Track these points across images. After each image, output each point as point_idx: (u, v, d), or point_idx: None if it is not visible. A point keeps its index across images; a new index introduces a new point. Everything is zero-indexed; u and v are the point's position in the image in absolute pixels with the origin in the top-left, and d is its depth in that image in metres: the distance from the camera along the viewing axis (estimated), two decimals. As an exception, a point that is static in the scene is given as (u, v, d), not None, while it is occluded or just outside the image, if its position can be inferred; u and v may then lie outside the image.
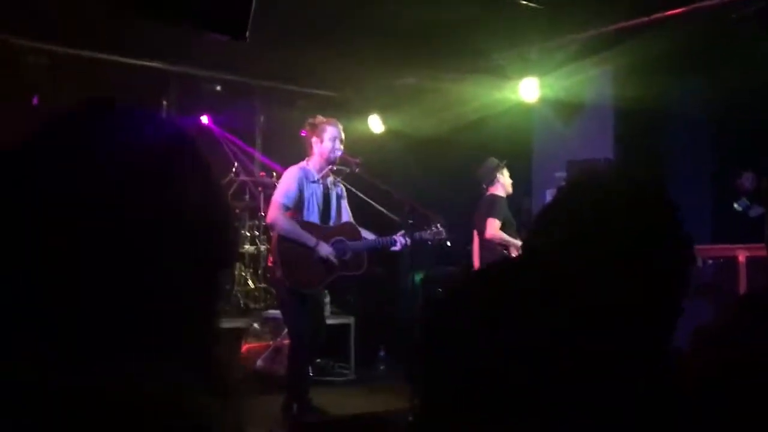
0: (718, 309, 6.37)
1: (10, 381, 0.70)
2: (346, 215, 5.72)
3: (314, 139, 5.51)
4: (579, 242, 1.09)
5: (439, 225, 5.81)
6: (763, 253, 6.25)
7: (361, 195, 6.04)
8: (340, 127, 5.54)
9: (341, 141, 5.52)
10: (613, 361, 1.00)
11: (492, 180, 7.15)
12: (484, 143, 8.38)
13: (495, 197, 7.07)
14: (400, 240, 5.63)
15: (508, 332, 0.96)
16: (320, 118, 5.58)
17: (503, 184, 7.15)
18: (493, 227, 7.10)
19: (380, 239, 5.69)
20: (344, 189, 5.79)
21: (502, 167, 7.18)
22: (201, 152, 0.89)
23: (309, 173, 5.48)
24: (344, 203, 5.76)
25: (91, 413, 0.71)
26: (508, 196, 7.45)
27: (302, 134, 5.67)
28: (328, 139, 5.47)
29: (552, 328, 0.96)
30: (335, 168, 5.69)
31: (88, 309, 0.75)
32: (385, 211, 5.98)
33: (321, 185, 5.55)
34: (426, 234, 5.78)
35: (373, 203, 6.03)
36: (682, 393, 1.06)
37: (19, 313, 0.74)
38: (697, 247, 6.96)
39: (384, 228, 5.90)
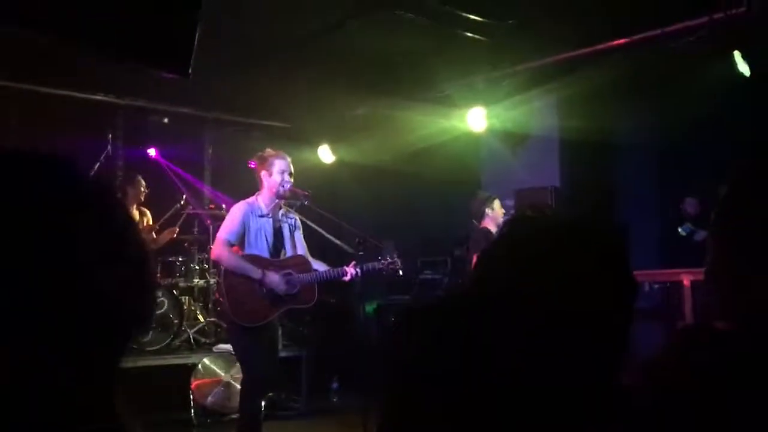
0: (665, 332, 6.48)
1: None
2: (301, 248, 5.68)
3: (263, 173, 5.48)
4: (522, 276, 1.10)
5: (394, 255, 5.82)
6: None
7: (314, 225, 6.03)
8: (289, 159, 5.52)
9: (290, 174, 5.50)
10: (558, 394, 1.01)
11: (482, 214, 7.14)
12: (434, 172, 8.45)
13: (486, 231, 7.04)
14: (350, 271, 5.61)
15: (464, 359, 0.98)
16: (269, 151, 5.56)
17: (493, 217, 7.11)
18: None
19: (330, 271, 5.65)
20: (298, 220, 5.75)
21: (491, 201, 7.17)
22: (111, 207, 0.84)
23: (256, 207, 5.44)
24: (298, 235, 5.71)
25: None
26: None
27: (251, 166, 5.64)
28: (276, 173, 5.44)
29: (500, 356, 0.98)
30: (285, 201, 5.66)
31: None
32: (337, 241, 5.97)
33: (270, 219, 5.51)
34: (379, 264, 5.78)
35: (324, 234, 6.02)
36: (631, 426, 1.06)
37: None
38: (644, 271, 7.11)
39: (338, 258, 5.89)
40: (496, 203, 7.10)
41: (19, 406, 0.74)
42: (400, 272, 5.88)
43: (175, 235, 8.19)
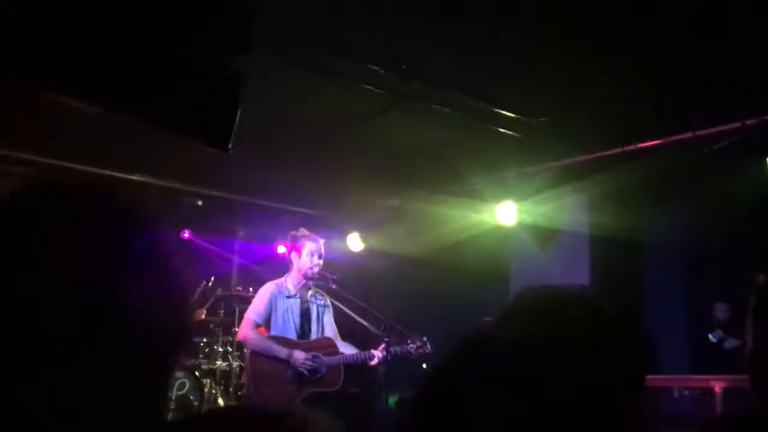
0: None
1: None
2: (330, 330, 5.63)
3: (293, 254, 5.51)
4: (530, 342, 1.08)
5: (423, 338, 5.75)
6: (739, 383, 6.21)
7: (343, 308, 6.00)
8: (322, 242, 5.55)
9: (320, 257, 5.52)
10: None
11: None
12: (462, 265, 8.43)
13: None
14: (378, 354, 5.55)
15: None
16: (303, 231, 5.60)
17: None
18: None
19: (357, 354, 5.60)
20: (329, 302, 5.72)
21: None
22: (154, 230, 0.86)
23: (284, 288, 5.45)
24: (328, 317, 5.68)
25: None
26: None
27: (281, 245, 5.66)
28: (306, 254, 5.48)
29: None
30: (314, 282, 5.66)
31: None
32: (366, 324, 5.92)
33: (298, 299, 5.51)
34: (408, 347, 5.69)
35: (354, 316, 5.99)
36: None
37: None
38: (673, 376, 6.95)
39: (366, 342, 5.83)
40: None
41: None
42: (428, 349, 5.78)
43: (203, 317, 8.17)
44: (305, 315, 5.52)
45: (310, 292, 5.58)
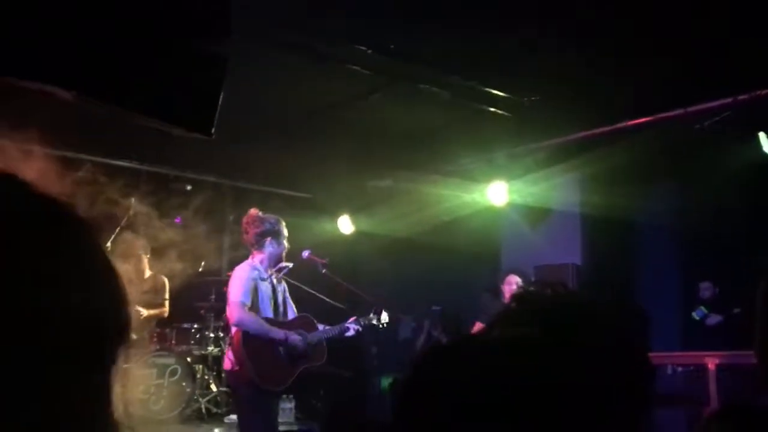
0: (690, 419, 6.29)
1: None
2: (291, 310, 5.70)
3: (269, 239, 5.49)
4: (527, 340, 1.04)
5: (382, 310, 5.96)
6: (732, 360, 6.22)
7: (306, 288, 6.11)
8: (281, 222, 5.56)
9: (284, 237, 5.53)
10: None
11: (497, 287, 7.07)
12: (454, 245, 8.40)
13: (490, 302, 6.96)
14: (353, 326, 5.69)
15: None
16: (258, 214, 5.59)
17: (509, 290, 7.01)
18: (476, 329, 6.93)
19: (335, 327, 5.70)
20: (285, 284, 5.77)
21: (505, 275, 7.08)
22: (68, 221, 0.80)
23: (259, 271, 5.44)
24: (288, 299, 5.74)
25: None
26: None
27: (245, 227, 5.61)
28: (283, 238, 5.48)
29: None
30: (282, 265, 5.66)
31: None
32: (330, 301, 6.13)
33: (270, 282, 5.51)
34: (373, 318, 5.90)
35: (317, 294, 6.13)
36: None
37: None
38: (667, 353, 6.95)
39: (331, 318, 5.98)
40: (507, 279, 7.01)
41: None
42: (384, 323, 6.02)
43: (165, 316, 7.93)
44: (276, 297, 5.53)
45: (273, 276, 5.57)
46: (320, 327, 5.71)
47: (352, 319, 5.79)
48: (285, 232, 5.51)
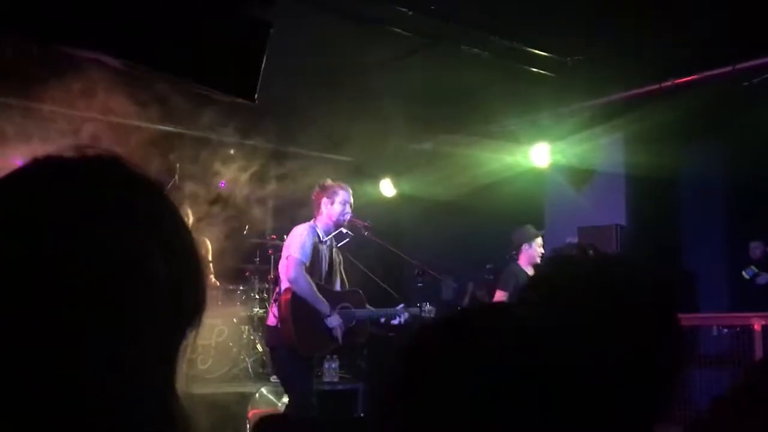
0: (735, 378, 6.24)
1: None
2: (339, 283, 5.74)
3: (324, 200, 5.52)
4: (552, 308, 1.06)
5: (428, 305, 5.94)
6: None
7: (361, 266, 6.12)
8: (350, 192, 5.57)
9: (351, 206, 5.54)
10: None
11: (519, 248, 6.93)
12: (497, 208, 8.38)
13: (517, 272, 6.81)
14: (401, 315, 5.73)
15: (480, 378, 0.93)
16: (332, 182, 5.61)
17: (529, 255, 6.86)
18: (498, 298, 6.86)
19: (384, 310, 5.74)
20: (341, 257, 5.80)
21: (533, 238, 6.93)
22: (157, 199, 0.84)
23: (317, 232, 5.48)
24: (342, 272, 5.78)
25: None
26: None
27: (315, 193, 5.67)
28: (338, 202, 5.49)
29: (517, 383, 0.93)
30: (344, 232, 5.69)
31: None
32: (383, 285, 6.11)
33: (327, 247, 5.55)
34: (418, 310, 5.90)
35: (374, 277, 6.13)
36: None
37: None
38: (712, 314, 6.89)
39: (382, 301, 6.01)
40: (537, 242, 6.89)
41: (73, 401, 0.73)
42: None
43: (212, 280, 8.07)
44: (331, 263, 5.57)
45: (331, 243, 5.61)
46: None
47: (400, 306, 5.82)
48: (345, 197, 5.53)
